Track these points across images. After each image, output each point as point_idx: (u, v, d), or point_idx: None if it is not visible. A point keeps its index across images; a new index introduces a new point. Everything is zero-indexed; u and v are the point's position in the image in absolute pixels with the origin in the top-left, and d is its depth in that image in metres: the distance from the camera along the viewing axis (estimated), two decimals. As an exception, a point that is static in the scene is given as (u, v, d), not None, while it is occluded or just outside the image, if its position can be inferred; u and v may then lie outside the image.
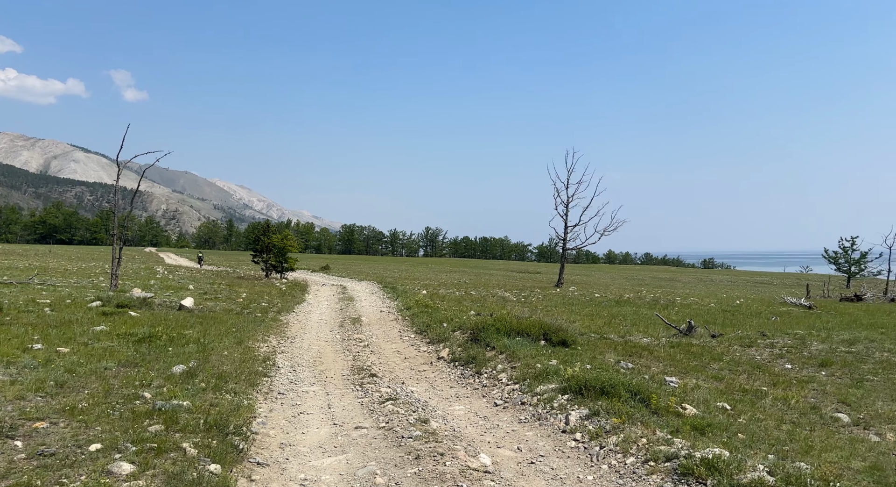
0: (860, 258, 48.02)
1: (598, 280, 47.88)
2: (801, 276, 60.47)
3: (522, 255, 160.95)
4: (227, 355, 9.25)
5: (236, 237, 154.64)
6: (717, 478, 4.45)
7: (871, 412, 7.55)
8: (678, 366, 10.10)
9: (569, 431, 6.20)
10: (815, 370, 10.38)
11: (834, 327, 16.49)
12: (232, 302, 17.18)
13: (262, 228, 30.72)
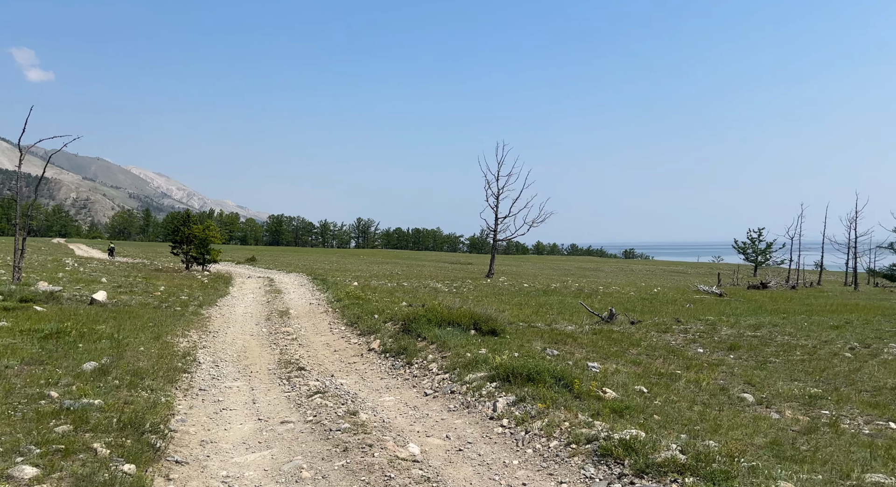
0: (766, 249, 51.67)
1: (527, 271, 49.05)
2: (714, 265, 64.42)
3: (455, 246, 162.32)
4: (143, 351, 8.80)
5: (154, 228, 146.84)
6: (634, 458, 4.68)
7: (773, 392, 8.16)
8: (600, 352, 10.53)
9: (496, 417, 6.32)
10: (724, 353, 11.10)
11: (742, 313, 17.70)
12: (149, 296, 16.33)
13: (182, 218, 29.35)
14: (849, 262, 40.98)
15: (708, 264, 71.65)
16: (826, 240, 42.65)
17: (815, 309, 19.28)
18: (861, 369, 9.69)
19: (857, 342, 12.19)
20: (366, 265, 45.59)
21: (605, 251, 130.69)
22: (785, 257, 47.43)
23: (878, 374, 9.32)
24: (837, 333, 13.57)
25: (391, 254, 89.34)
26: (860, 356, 10.79)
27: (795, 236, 44.13)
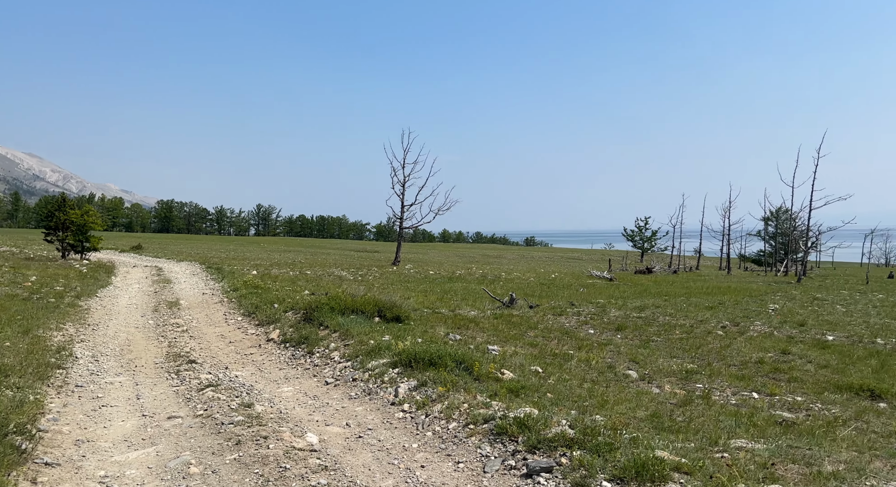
0: (651, 236, 55.50)
1: (433, 258, 49.48)
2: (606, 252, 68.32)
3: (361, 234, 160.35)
4: (9, 346, 7.95)
5: (25, 214, 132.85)
6: (527, 435, 4.87)
7: (654, 368, 8.80)
8: (500, 335, 10.85)
9: (398, 403, 6.34)
10: (612, 334, 11.82)
11: (629, 296, 18.91)
12: (17, 286, 14.77)
13: (58, 202, 26.72)
14: (723, 248, 44.96)
15: (601, 250, 75.93)
16: (704, 228, 46.51)
17: (693, 292, 20.99)
18: (731, 345, 10.68)
19: (728, 321, 13.43)
20: (266, 254, 43.95)
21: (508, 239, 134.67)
22: (668, 244, 51.27)
23: (744, 349, 10.31)
24: (712, 313, 14.86)
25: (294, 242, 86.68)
26: (730, 334, 11.89)
27: (677, 225, 47.76)
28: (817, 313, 15.67)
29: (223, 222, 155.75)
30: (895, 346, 10.95)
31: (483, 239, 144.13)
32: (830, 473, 4.43)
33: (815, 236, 42.33)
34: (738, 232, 49.95)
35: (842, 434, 5.74)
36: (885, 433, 5.94)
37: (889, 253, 60.36)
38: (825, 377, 8.48)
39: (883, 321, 14.39)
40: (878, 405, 7.08)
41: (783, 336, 11.73)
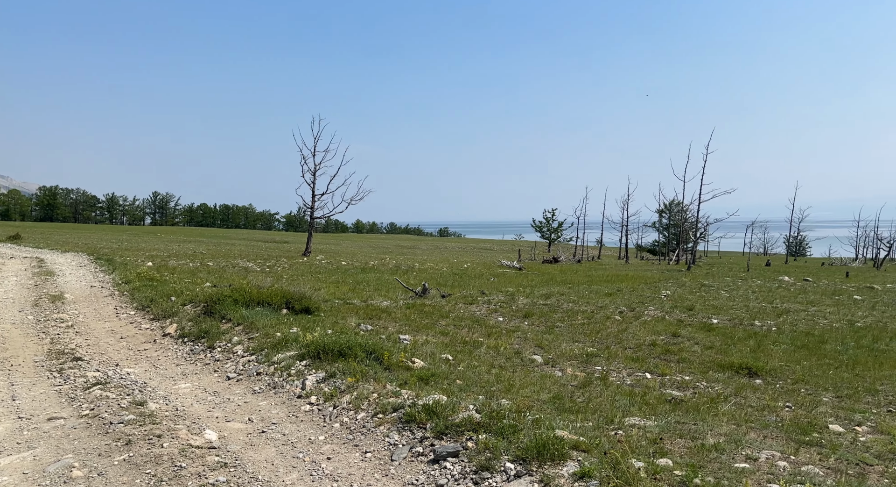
0: (558, 227, 57.74)
1: (346, 249, 48.74)
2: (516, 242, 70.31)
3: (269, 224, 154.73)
4: None
5: None
6: (436, 421, 4.91)
7: (558, 353, 9.16)
8: (412, 325, 10.87)
9: (304, 395, 6.18)
10: (520, 321, 12.18)
11: (536, 284, 19.58)
12: None
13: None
14: (622, 239, 47.58)
15: (511, 241, 78.08)
16: (605, 220, 48.97)
17: (594, 280, 22.06)
18: (627, 329, 11.32)
19: (625, 307, 14.23)
20: (164, 244, 41.41)
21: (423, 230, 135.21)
22: (573, 235, 53.53)
23: (639, 333, 10.97)
24: (611, 300, 15.69)
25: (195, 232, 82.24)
26: (627, 319, 12.61)
27: (581, 216, 49.97)
28: (704, 298, 16.96)
29: (115, 210, 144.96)
30: (770, 328, 12.07)
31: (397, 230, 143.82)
32: (712, 445, 4.81)
33: (703, 227, 45.78)
34: (636, 223, 53.09)
35: (723, 409, 6.24)
36: (759, 406, 6.53)
37: (767, 243, 66.49)
38: (710, 357, 9.19)
39: (760, 304, 15.82)
40: (755, 382, 7.76)
41: (674, 320, 12.60)
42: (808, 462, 4.56)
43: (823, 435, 5.40)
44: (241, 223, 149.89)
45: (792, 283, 23.35)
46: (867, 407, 6.59)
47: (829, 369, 8.46)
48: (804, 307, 15.52)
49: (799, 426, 5.65)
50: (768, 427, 5.60)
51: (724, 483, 3.83)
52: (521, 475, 4.04)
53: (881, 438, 5.39)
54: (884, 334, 11.45)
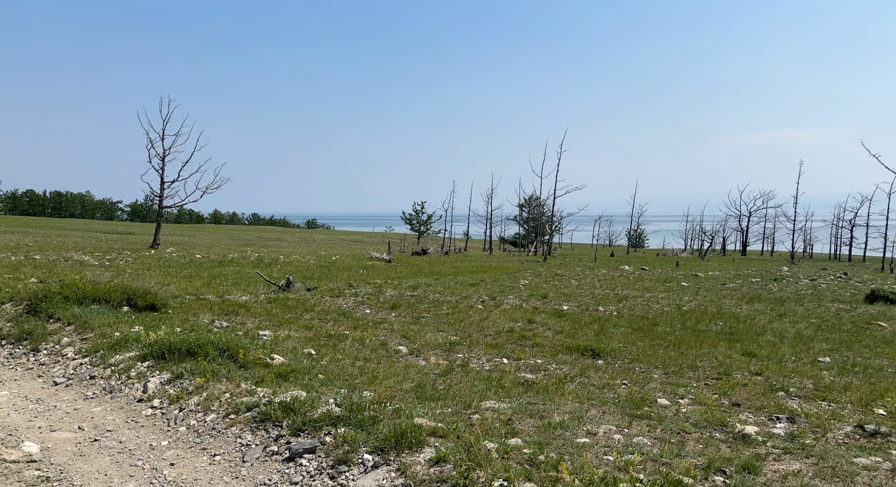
0: (427, 220, 58.68)
1: (201, 241, 45.56)
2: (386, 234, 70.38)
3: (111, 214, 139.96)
4: None
5: None
6: (293, 418, 4.76)
7: (423, 342, 9.31)
8: (273, 320, 10.45)
9: (146, 399, 5.69)
10: (387, 312, 12.21)
11: (404, 276, 19.75)
12: None
13: None
14: (486, 231, 49.54)
15: (382, 233, 78.01)
16: (471, 213, 50.66)
17: (460, 271, 22.75)
18: (488, 318, 11.81)
19: (487, 296, 14.83)
20: (-19, 234, 35.93)
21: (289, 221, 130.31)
22: (441, 228, 54.71)
23: (499, 321, 11.48)
24: (474, 289, 16.27)
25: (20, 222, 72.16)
26: (488, 307, 13.14)
27: (449, 209, 51.25)
28: (557, 287, 18.19)
29: None
30: (612, 313, 13.24)
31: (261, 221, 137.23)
32: (558, 423, 5.16)
33: (558, 220, 49.06)
34: (499, 217, 55.58)
35: (569, 388, 6.73)
36: (600, 385, 7.13)
37: (612, 235, 72.86)
38: (560, 341, 9.87)
39: (604, 291, 17.29)
40: (597, 362, 8.46)
41: (530, 308, 13.36)
42: (638, 434, 5.06)
43: (653, 409, 6.02)
44: (76, 213, 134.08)
45: (631, 272, 25.80)
46: (689, 382, 7.46)
47: (659, 348, 9.46)
48: (641, 293, 17.22)
49: (633, 401, 6.25)
50: (607, 403, 6.14)
51: (565, 457, 4.13)
52: (379, 465, 4.05)
53: (699, 408, 6.13)
54: (704, 316, 13.05)
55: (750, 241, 59.33)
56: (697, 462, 4.26)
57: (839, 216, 53.50)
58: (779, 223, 57.55)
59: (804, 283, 22.38)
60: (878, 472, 4.33)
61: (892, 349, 9.96)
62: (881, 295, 16.53)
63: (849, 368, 8.33)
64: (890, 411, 6.11)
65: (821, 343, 10.23)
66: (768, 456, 4.54)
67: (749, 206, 58.01)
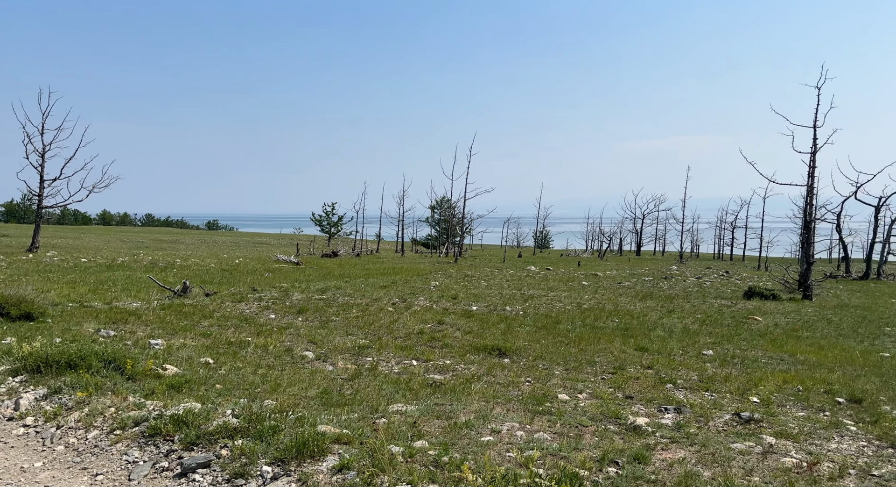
0: (338, 221, 57.70)
1: (88, 243, 42.09)
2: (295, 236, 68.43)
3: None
4: None
5: None
6: (186, 431, 4.49)
7: (331, 347, 9.12)
8: (167, 328, 9.85)
9: (18, 417, 5.15)
10: (293, 317, 11.85)
11: (313, 279, 19.28)
12: None
13: None
14: (399, 233, 49.47)
15: (290, 235, 75.68)
16: (383, 214, 50.39)
17: (371, 273, 22.55)
18: (398, 320, 11.78)
19: (398, 298, 14.80)
20: None
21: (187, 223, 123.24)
22: (353, 229, 53.96)
23: (409, 323, 11.48)
24: (385, 292, 16.18)
25: None
26: (399, 309, 13.11)
27: (360, 211, 50.69)
28: (467, 287, 18.48)
29: None
30: (518, 312, 13.63)
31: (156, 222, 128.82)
32: (464, 422, 5.23)
33: (468, 222, 49.91)
34: (412, 218, 55.68)
35: (476, 388, 6.84)
36: (506, 383, 7.30)
37: (520, 237, 75.11)
38: (469, 341, 10.02)
39: (512, 292, 17.78)
40: (504, 361, 8.67)
41: (440, 309, 13.48)
42: (540, 430, 5.23)
43: (554, 404, 6.25)
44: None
45: (537, 272, 26.73)
46: (588, 377, 7.82)
47: (561, 345, 9.85)
48: (545, 292, 17.88)
49: (535, 397, 6.46)
50: (511, 401, 6.30)
51: (469, 457, 4.19)
52: (279, 476, 3.91)
53: (596, 402, 6.44)
54: (602, 314, 13.75)
55: (644, 241, 63.27)
56: (593, 454, 4.46)
57: (722, 219, 58.34)
58: (669, 225, 61.84)
59: (691, 281, 24.16)
60: (752, 456, 4.74)
61: (766, 340, 10.97)
62: (757, 292, 18.18)
63: (729, 360, 9.08)
64: (763, 399, 6.72)
65: (705, 337, 11.08)
66: (657, 446, 4.84)
67: (643, 209, 61.86)
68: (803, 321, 13.52)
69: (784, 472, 4.38)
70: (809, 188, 20.10)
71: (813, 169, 19.81)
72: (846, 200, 29.61)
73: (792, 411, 6.34)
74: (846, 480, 4.32)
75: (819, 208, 26.55)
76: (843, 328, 12.71)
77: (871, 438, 5.43)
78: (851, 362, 9.07)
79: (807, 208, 20.53)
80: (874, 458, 4.84)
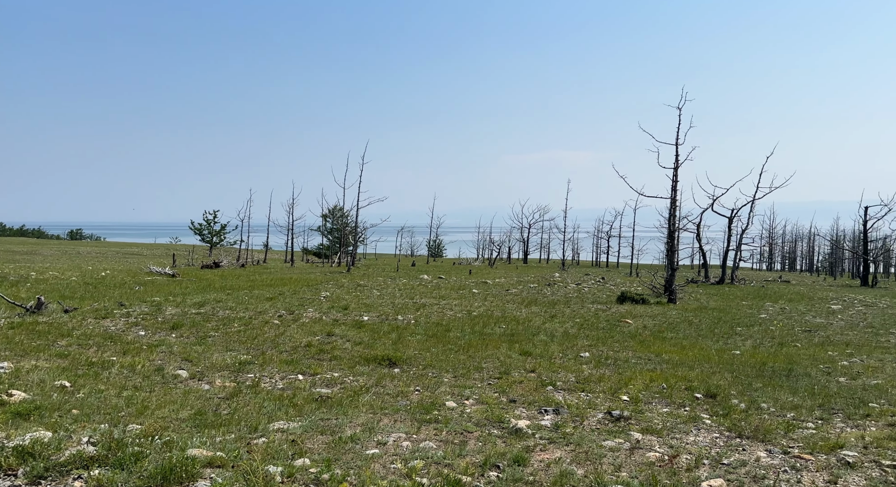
0: (220, 230, 54.67)
1: (-82, 254, 36.62)
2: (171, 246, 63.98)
3: None
4: None
5: None
6: (32, 463, 4.00)
7: (208, 364, 8.58)
8: (16, 349, 8.80)
9: None
10: (166, 333, 11.03)
11: (191, 292, 18.09)
12: None
13: None
14: (288, 243, 47.86)
15: (166, 245, 70.61)
16: (271, 223, 48.54)
17: (257, 284, 21.58)
18: (285, 333, 11.35)
19: (285, 311, 14.27)
20: None
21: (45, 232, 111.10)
22: (237, 238, 51.40)
23: (296, 335, 11.10)
24: (271, 304, 15.54)
25: None
26: (285, 322, 12.64)
27: (245, 219, 48.50)
28: (359, 297, 18.24)
29: None
30: (410, 321, 13.66)
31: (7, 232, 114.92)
32: (349, 436, 5.13)
33: (362, 231, 49.40)
34: (302, 227, 54.12)
35: (364, 400, 6.74)
36: (395, 393, 7.27)
37: (414, 246, 75.54)
38: (359, 352, 9.87)
39: (404, 301, 17.79)
40: (394, 371, 8.63)
41: (330, 320, 13.17)
42: (426, 438, 5.25)
43: (441, 412, 6.31)
44: None
45: (430, 281, 27.00)
46: (475, 383, 7.98)
47: (451, 353, 9.98)
48: (437, 300, 18.08)
49: (423, 406, 6.48)
50: (399, 411, 6.28)
51: (352, 472, 4.10)
52: (142, 508, 3.59)
53: (481, 407, 6.59)
54: (490, 320, 14.15)
55: (530, 250, 66.16)
56: (476, 459, 4.55)
57: (599, 228, 62.46)
58: (553, 234, 65.19)
59: (572, 287, 25.56)
60: (621, 452, 5.07)
61: (636, 342, 11.83)
62: (629, 296, 19.59)
63: (603, 361, 9.68)
64: (632, 397, 7.22)
65: (583, 340, 11.74)
66: (536, 447, 5.03)
67: (529, 219, 64.70)
68: (668, 323, 14.75)
69: (649, 466, 4.72)
70: (673, 201, 22.04)
71: (676, 183, 21.75)
72: (704, 211, 32.85)
73: (657, 407, 6.87)
74: (701, 470, 4.74)
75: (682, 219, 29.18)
76: (701, 329, 14.02)
77: (723, 429, 6.02)
78: (708, 360, 10.01)
79: (671, 219, 22.47)
80: (725, 448, 5.36)
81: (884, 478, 4.63)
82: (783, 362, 9.76)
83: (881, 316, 17.29)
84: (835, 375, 8.82)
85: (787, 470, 4.71)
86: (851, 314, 17.64)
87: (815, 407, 6.89)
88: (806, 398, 7.32)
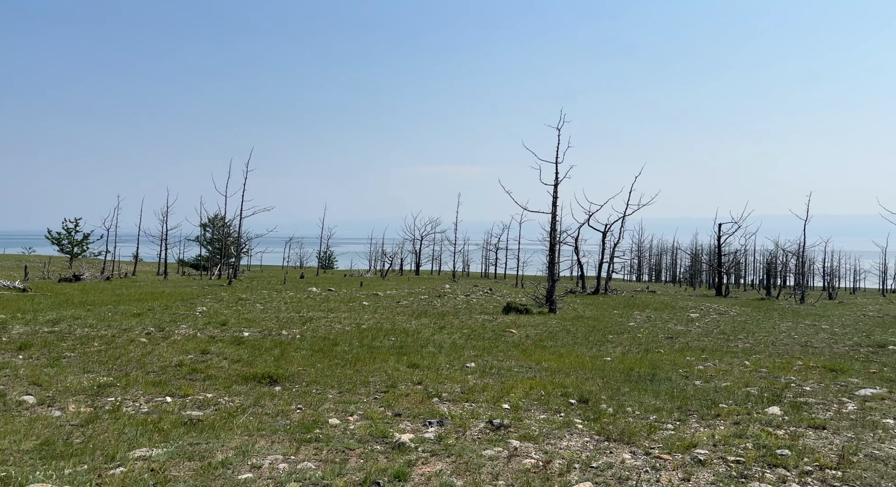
0: (83, 240, 49.78)
1: None
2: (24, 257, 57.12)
3: None
4: None
5: None
6: None
7: (61, 388, 7.72)
8: None
9: None
10: (12, 354, 9.81)
11: (44, 308, 16.26)
12: None
13: None
14: (161, 253, 44.57)
15: (17, 255, 62.88)
16: (142, 233, 45.00)
17: (123, 299, 19.83)
18: (153, 351, 10.50)
19: (154, 327, 13.22)
20: None
21: None
22: (103, 249, 47.08)
23: (166, 354, 10.31)
24: (138, 320, 14.34)
25: None
26: (154, 340, 11.70)
27: (112, 228, 44.59)
28: (240, 312, 17.34)
29: None
30: (295, 336, 13.18)
31: None
32: (220, 461, 4.82)
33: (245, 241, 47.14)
34: (178, 237, 50.64)
35: (239, 421, 6.38)
36: (274, 413, 6.95)
37: (303, 257, 73.30)
38: (237, 370, 9.35)
39: (290, 314, 17.17)
40: (275, 389, 8.26)
41: (205, 337, 12.39)
42: (305, 459, 5.06)
43: (323, 430, 6.12)
44: None
45: (319, 293, 26.30)
46: (360, 398, 7.84)
47: (337, 368, 9.75)
48: (326, 314, 17.64)
49: (304, 425, 6.26)
50: (278, 431, 6.01)
51: (220, 501, 3.85)
52: (-35, 560, 3.12)
53: (366, 423, 6.48)
54: (380, 333, 14.02)
55: (422, 262, 66.68)
56: (356, 477, 4.45)
57: (488, 241, 64.41)
58: (444, 246, 66.24)
59: (461, 298, 26.07)
60: (499, 460, 5.20)
61: (519, 351, 12.26)
62: (514, 307, 20.32)
63: (488, 370, 9.92)
64: (513, 405, 7.46)
65: (469, 351, 11.97)
66: (418, 461, 5.03)
67: (421, 231, 65.26)
68: (548, 332, 15.46)
69: (524, 473, 4.88)
70: (553, 215, 23.25)
71: (556, 199, 22.99)
72: (581, 226, 34.99)
73: (535, 414, 7.14)
74: (572, 474, 4.98)
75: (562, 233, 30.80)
76: (578, 337, 14.84)
77: (593, 433, 6.37)
78: (583, 366, 10.59)
79: (552, 233, 23.67)
80: (594, 452, 5.68)
81: (728, 473, 5.14)
82: (648, 367, 10.56)
83: (731, 324, 19.29)
84: (692, 378, 9.67)
85: (647, 471, 5.07)
86: (707, 322, 19.51)
87: (675, 409, 7.51)
88: (667, 400, 7.96)
